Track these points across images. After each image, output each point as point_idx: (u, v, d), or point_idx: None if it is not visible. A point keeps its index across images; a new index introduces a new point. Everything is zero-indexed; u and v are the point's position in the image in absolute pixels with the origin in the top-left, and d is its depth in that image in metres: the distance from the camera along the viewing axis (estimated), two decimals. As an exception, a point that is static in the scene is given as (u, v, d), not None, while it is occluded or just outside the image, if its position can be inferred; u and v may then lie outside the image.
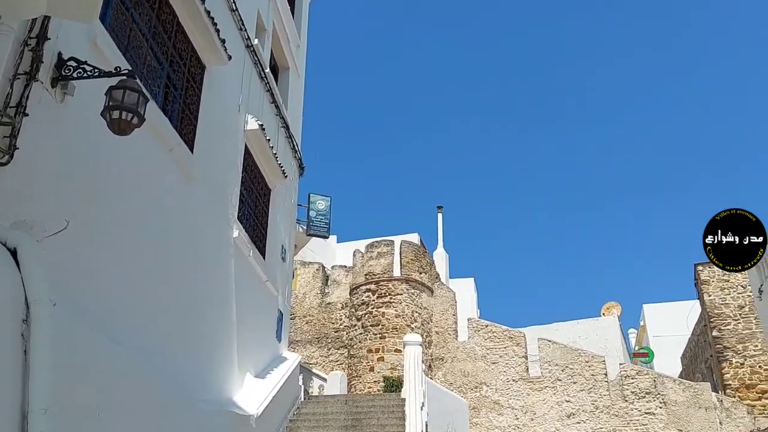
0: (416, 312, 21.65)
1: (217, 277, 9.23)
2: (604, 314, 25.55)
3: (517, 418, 19.75)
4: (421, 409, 12.47)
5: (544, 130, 79.39)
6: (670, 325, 31.18)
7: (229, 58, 8.97)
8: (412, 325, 21.32)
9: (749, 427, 17.84)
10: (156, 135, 7.30)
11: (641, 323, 36.44)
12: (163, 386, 6.88)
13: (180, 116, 8.19)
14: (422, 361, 20.71)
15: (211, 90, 9.05)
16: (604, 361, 19.69)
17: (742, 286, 20.30)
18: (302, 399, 12.62)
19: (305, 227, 14.24)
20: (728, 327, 20.07)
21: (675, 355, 28.84)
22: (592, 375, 19.56)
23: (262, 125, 10.64)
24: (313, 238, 34.80)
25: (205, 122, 8.76)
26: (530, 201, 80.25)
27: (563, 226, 78.41)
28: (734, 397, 18.92)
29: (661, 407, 18.43)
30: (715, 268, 20.76)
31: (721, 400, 18.41)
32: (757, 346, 19.55)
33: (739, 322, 19.97)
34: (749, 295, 20.11)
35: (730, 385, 19.46)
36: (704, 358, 23.02)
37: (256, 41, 11.05)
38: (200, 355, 8.38)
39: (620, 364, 19.87)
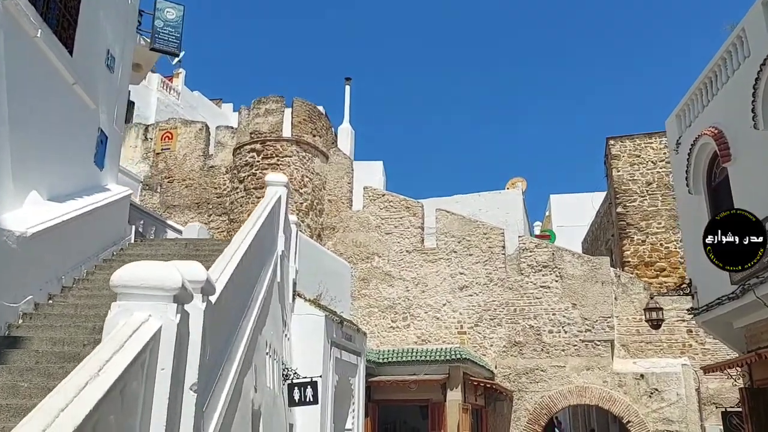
0: (306, 177, 19.46)
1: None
2: (508, 189, 24.41)
3: (408, 290, 18.37)
4: (282, 259, 10.49)
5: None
6: (575, 215, 30.65)
7: None
8: (302, 191, 19.19)
9: (644, 303, 17.13)
10: None
11: (546, 214, 36.02)
12: None
13: None
14: (310, 230, 18.84)
15: None
16: (502, 233, 18.37)
17: (652, 162, 19.20)
18: (132, 240, 10.31)
19: (149, 39, 11.41)
20: (634, 204, 19.08)
21: (577, 243, 28.37)
22: (489, 247, 18.24)
23: None
24: (203, 99, 31.34)
25: None
26: (439, 66, 77.59)
27: (475, 95, 76.02)
28: (632, 274, 18.15)
29: (557, 281, 17.41)
30: (627, 143, 19.55)
31: (619, 276, 17.57)
32: (660, 223, 18.72)
33: (645, 199, 19.00)
34: (659, 172, 19.08)
35: (629, 262, 18.70)
36: (605, 240, 22.29)
37: None
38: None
39: (519, 236, 18.62)
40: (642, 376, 16.14)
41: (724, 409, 10.04)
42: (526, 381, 16.82)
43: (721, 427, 15.85)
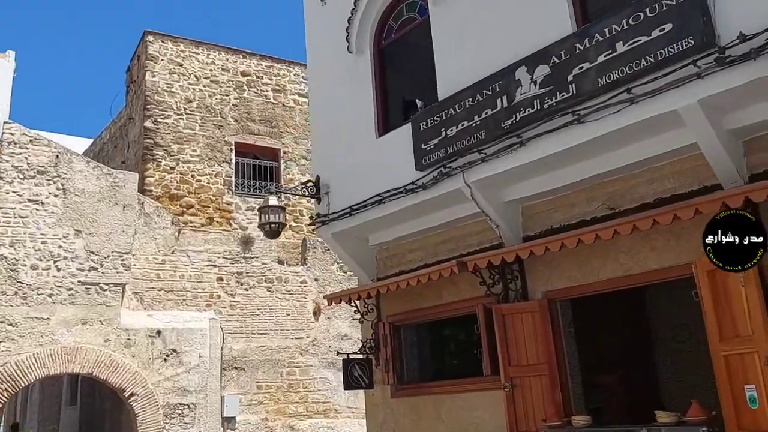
0: None
1: None
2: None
3: None
4: None
5: None
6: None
7: None
8: None
9: (171, 243, 13.26)
10: None
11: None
12: None
13: None
14: None
15: None
16: (-23, 112, 11.70)
17: (196, 76, 15.63)
18: None
19: None
20: (168, 121, 15.03)
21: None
22: (-51, 130, 11.31)
23: None
24: None
25: None
26: None
27: None
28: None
29: (57, 195, 11.86)
30: (170, 45, 15.61)
31: (143, 203, 13.23)
32: (195, 151, 15.19)
33: (182, 118, 15.20)
34: (202, 90, 15.66)
35: (151, 191, 14.47)
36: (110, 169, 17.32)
37: None
38: None
39: (5, 121, 12.22)
40: (159, 333, 12.14)
41: (346, 356, 7.16)
42: (-19, 340, 10.62)
43: (241, 397, 13.21)
